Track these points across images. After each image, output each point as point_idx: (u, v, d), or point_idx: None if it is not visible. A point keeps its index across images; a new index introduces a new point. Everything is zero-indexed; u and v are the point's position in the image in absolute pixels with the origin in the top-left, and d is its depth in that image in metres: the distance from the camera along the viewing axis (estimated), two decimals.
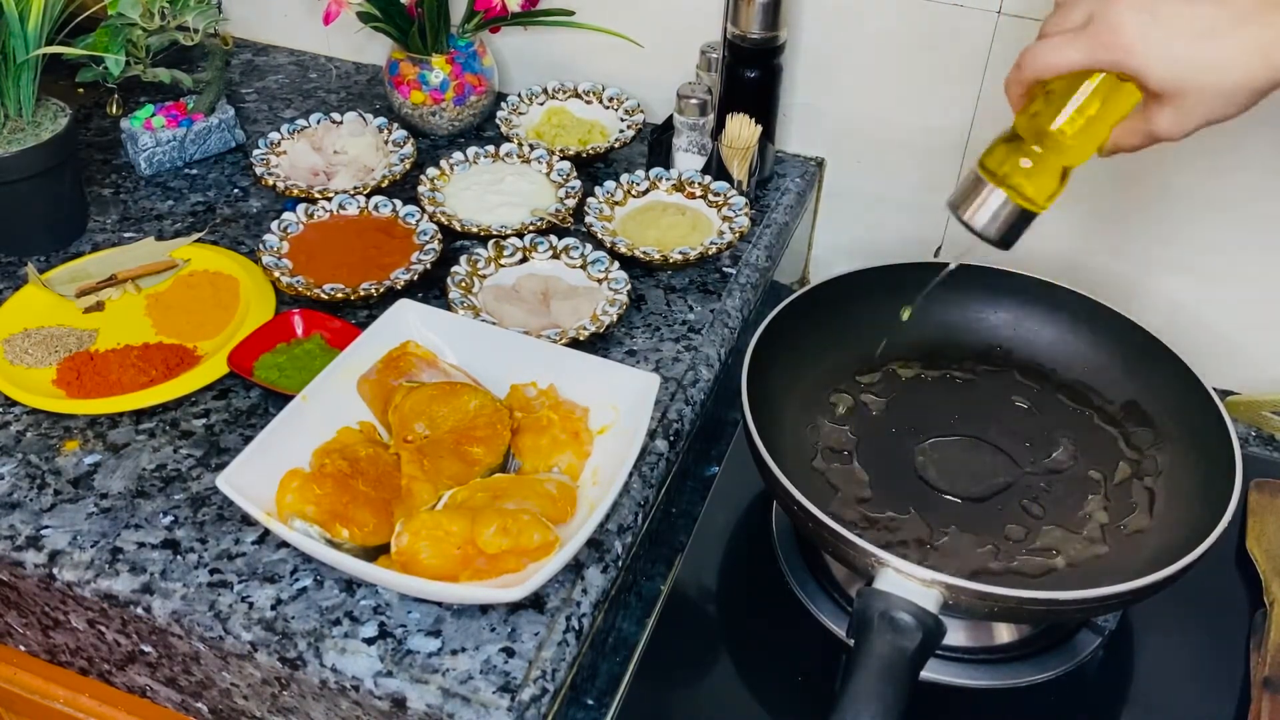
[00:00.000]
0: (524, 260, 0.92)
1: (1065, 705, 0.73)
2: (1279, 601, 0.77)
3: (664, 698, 0.73)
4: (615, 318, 0.85)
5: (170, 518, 0.73)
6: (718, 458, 0.91)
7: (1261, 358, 0.98)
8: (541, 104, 1.12)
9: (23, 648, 0.80)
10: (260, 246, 0.92)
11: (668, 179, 1.00)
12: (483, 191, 0.99)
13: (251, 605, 0.67)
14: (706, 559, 0.83)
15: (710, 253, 0.91)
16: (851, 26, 1.00)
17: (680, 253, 0.91)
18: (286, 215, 0.95)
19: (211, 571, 0.69)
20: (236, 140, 1.10)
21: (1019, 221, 0.65)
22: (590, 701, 0.73)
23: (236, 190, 1.04)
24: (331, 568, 0.69)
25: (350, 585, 0.68)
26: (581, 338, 0.83)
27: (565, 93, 1.12)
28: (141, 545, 0.71)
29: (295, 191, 0.98)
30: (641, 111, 1.09)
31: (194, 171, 1.07)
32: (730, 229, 0.94)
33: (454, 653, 0.65)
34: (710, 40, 1.02)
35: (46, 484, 0.75)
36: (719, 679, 0.75)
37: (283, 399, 0.77)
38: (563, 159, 1.02)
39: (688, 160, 1.01)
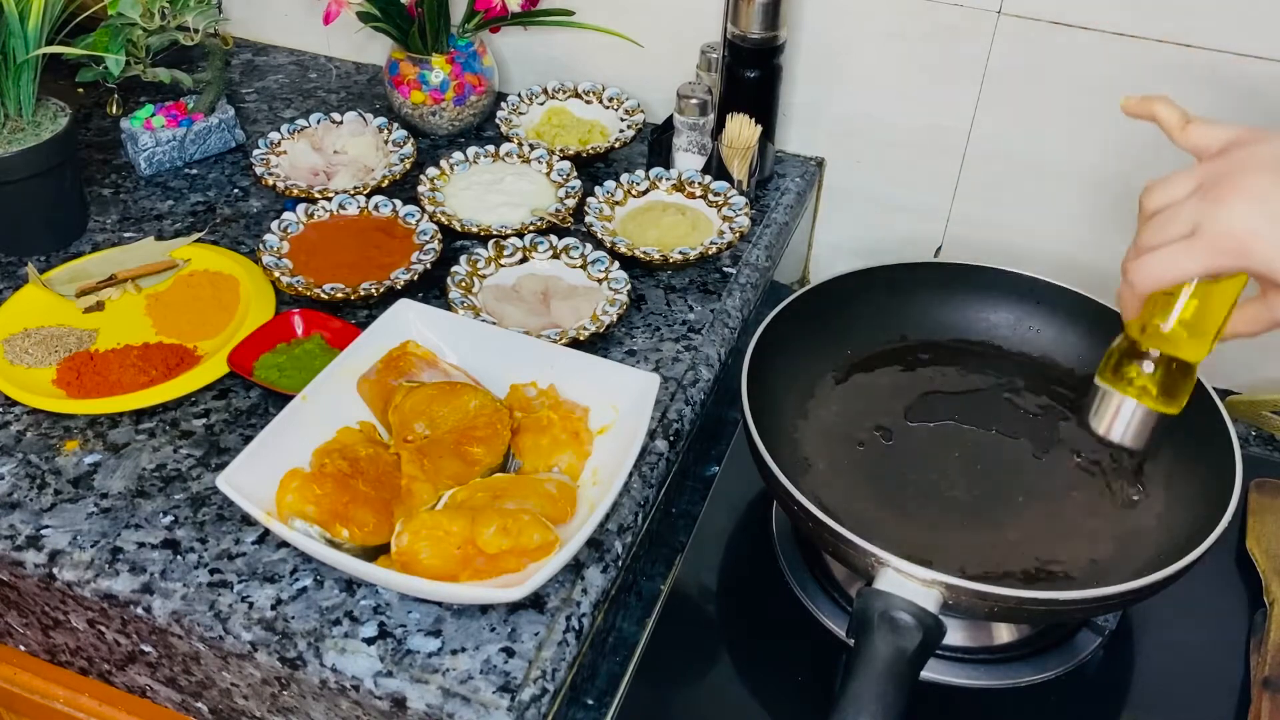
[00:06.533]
0: (524, 260, 0.92)
1: (1065, 705, 0.73)
2: (1279, 601, 0.77)
3: (664, 698, 0.73)
4: (615, 318, 0.85)
5: (170, 518, 0.73)
6: (718, 458, 0.91)
7: (1261, 358, 0.98)
8: (541, 104, 1.12)
9: (23, 648, 0.80)
10: (260, 246, 0.92)
11: (668, 179, 1.00)
12: (483, 191, 0.99)
13: (251, 605, 0.67)
14: (706, 559, 0.83)
15: (710, 253, 0.91)
16: (851, 26, 1.00)
17: (680, 253, 0.91)
18: (286, 215, 0.95)
19: (211, 571, 0.69)
20: (236, 140, 1.10)
21: (1157, 424, 0.65)
22: (590, 701, 0.73)
23: (236, 190, 1.04)
24: (331, 568, 0.69)
25: (350, 585, 0.68)
26: (581, 338, 0.83)
27: (565, 93, 1.12)
28: (141, 545, 0.71)
29: (295, 191, 0.98)
30: (641, 111, 1.09)
31: (194, 171, 1.07)
32: (730, 229, 0.94)
33: (454, 653, 0.65)
34: (710, 40, 1.02)
35: (46, 484, 0.75)
36: (719, 679, 0.75)
37: (283, 399, 0.77)
38: (563, 159, 1.02)
39: (688, 160, 1.01)
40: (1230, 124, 0.62)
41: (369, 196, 0.97)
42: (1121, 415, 0.64)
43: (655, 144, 1.05)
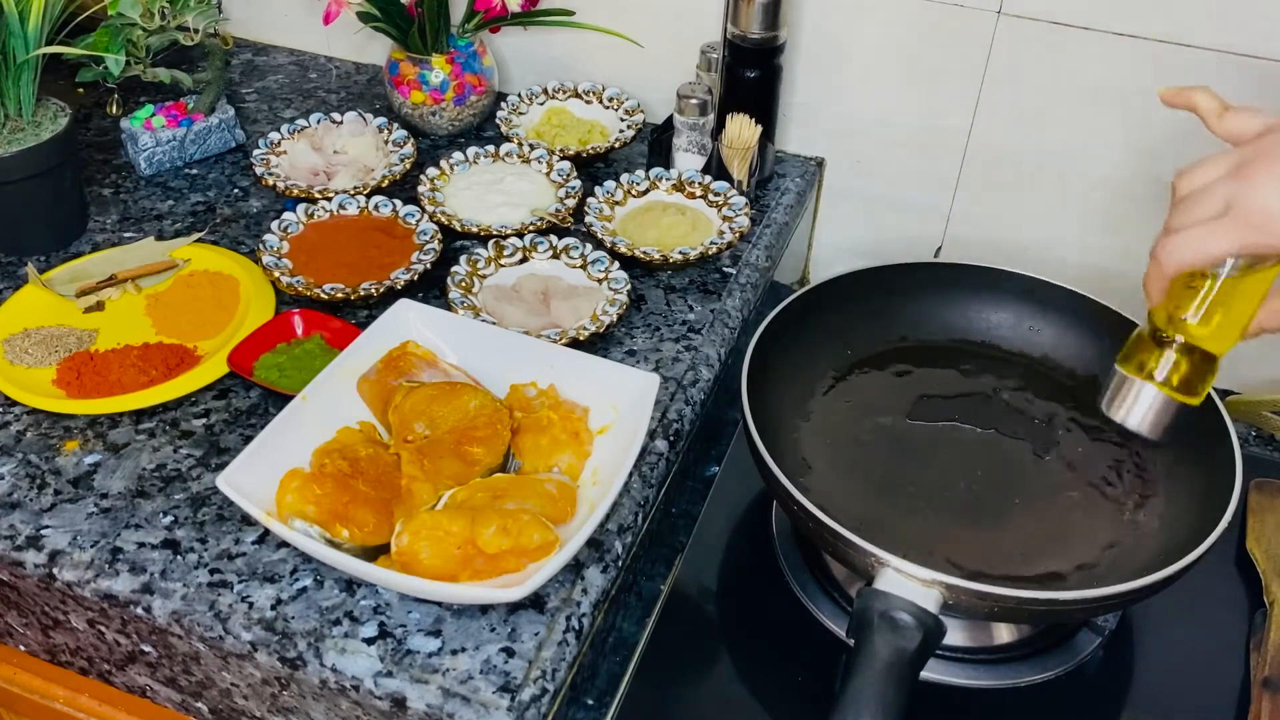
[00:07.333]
0: (524, 260, 0.92)
1: (1065, 705, 0.73)
2: (1279, 601, 0.78)
3: (664, 698, 0.73)
4: (615, 318, 0.85)
5: (170, 518, 0.73)
6: (718, 458, 0.91)
7: (1261, 358, 0.98)
8: (541, 104, 1.12)
9: (23, 648, 0.80)
10: (260, 246, 0.92)
11: (668, 179, 1.00)
12: (483, 191, 0.99)
13: (251, 605, 0.67)
14: (706, 559, 0.83)
15: (710, 253, 0.91)
16: (851, 26, 1.00)
17: (680, 253, 0.91)
18: (286, 215, 0.95)
19: (211, 571, 0.69)
20: (236, 140, 1.10)
21: (1175, 414, 0.64)
22: (590, 701, 0.73)
23: (236, 190, 1.04)
24: (331, 568, 0.69)
25: (350, 585, 0.68)
26: (581, 338, 0.83)
27: (565, 93, 1.12)
28: (141, 545, 0.71)
29: (295, 191, 0.98)
30: (641, 111, 1.09)
31: (194, 171, 1.07)
32: (730, 229, 0.94)
33: (454, 653, 0.65)
34: (710, 40, 1.02)
35: (46, 484, 0.75)
36: (719, 679, 0.75)
37: (283, 399, 0.77)
38: (563, 159, 1.02)
39: (688, 160, 1.01)
40: (1267, 111, 0.61)
41: (369, 196, 0.97)
42: (1140, 403, 0.64)
43: (655, 144, 1.05)
